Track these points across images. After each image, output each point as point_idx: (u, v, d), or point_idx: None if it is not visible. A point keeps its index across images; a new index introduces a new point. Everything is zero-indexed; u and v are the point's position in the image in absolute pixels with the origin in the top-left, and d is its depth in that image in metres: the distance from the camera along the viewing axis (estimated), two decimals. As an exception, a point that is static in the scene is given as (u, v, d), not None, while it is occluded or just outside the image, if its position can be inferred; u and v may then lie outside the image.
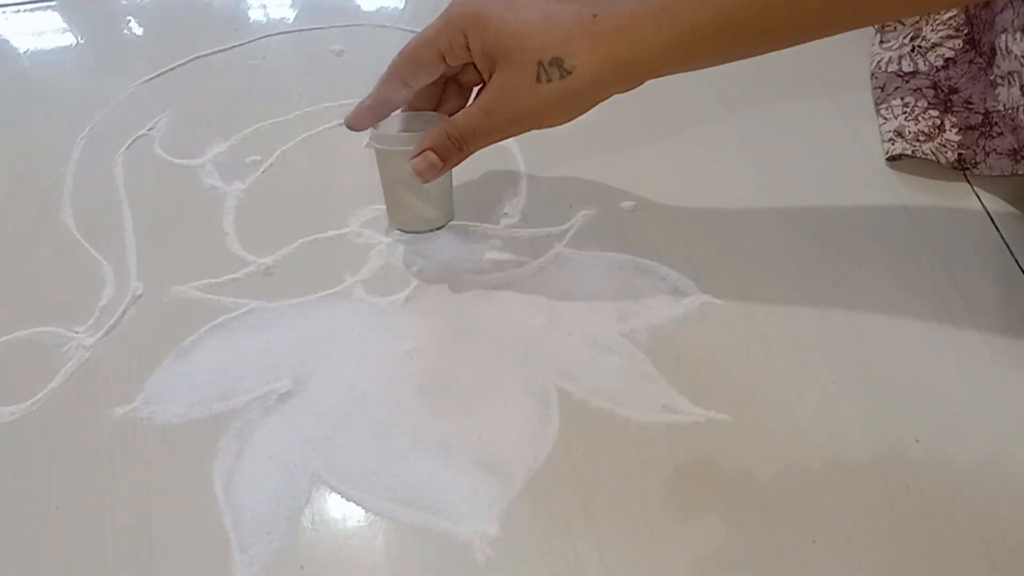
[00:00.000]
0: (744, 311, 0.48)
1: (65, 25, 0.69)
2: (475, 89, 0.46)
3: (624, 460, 0.42)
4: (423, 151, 0.44)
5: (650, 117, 0.60)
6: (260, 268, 0.51)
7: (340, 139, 0.59)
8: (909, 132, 0.56)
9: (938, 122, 0.56)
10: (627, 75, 0.40)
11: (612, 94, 0.42)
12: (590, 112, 0.43)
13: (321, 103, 0.61)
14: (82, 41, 0.67)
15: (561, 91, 0.40)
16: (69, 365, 0.46)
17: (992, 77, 0.55)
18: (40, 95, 0.63)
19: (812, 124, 0.60)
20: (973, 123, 0.56)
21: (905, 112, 0.57)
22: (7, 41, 0.68)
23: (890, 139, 0.56)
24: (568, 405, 0.44)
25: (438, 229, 0.52)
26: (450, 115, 0.47)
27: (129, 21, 0.69)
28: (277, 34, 0.67)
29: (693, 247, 0.52)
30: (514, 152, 0.58)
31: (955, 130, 0.56)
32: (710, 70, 0.63)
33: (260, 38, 0.67)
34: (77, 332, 0.48)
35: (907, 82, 0.59)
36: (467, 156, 0.45)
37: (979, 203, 0.54)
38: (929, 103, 0.57)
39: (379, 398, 0.45)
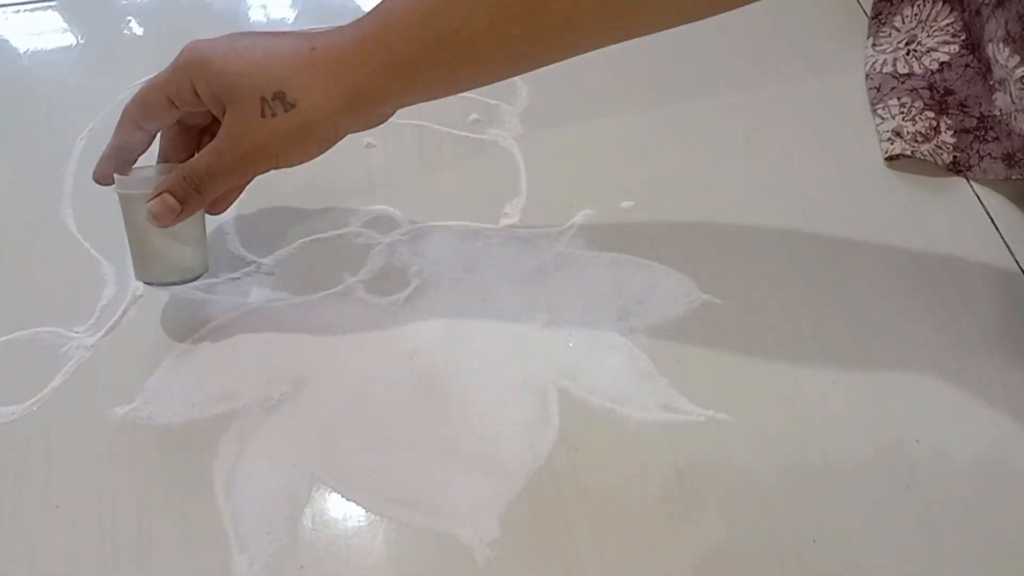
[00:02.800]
0: (744, 311, 0.48)
1: (65, 25, 0.69)
2: None
3: (624, 460, 0.42)
4: (160, 194, 0.43)
5: (650, 117, 0.60)
6: (260, 268, 0.51)
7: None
8: (907, 132, 0.56)
9: (934, 123, 0.56)
10: (354, 105, 0.40)
11: (346, 129, 0.42)
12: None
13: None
14: (82, 41, 0.67)
15: (289, 125, 0.40)
16: (69, 365, 0.46)
17: (991, 83, 0.55)
18: (40, 95, 0.63)
19: (812, 123, 0.60)
20: (968, 126, 0.56)
21: (902, 112, 0.57)
22: (7, 41, 0.68)
23: (888, 139, 0.56)
24: (568, 405, 0.44)
25: (191, 281, 0.47)
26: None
27: (129, 21, 0.69)
28: (277, 34, 0.67)
29: (693, 247, 0.52)
30: (514, 152, 0.58)
31: (950, 132, 0.56)
32: (711, 70, 0.63)
33: (260, 38, 0.67)
34: (77, 332, 0.48)
35: (903, 83, 0.59)
36: (208, 199, 0.43)
37: (979, 203, 0.54)
38: (925, 104, 0.57)
39: (379, 398, 0.45)
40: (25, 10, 0.70)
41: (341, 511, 0.41)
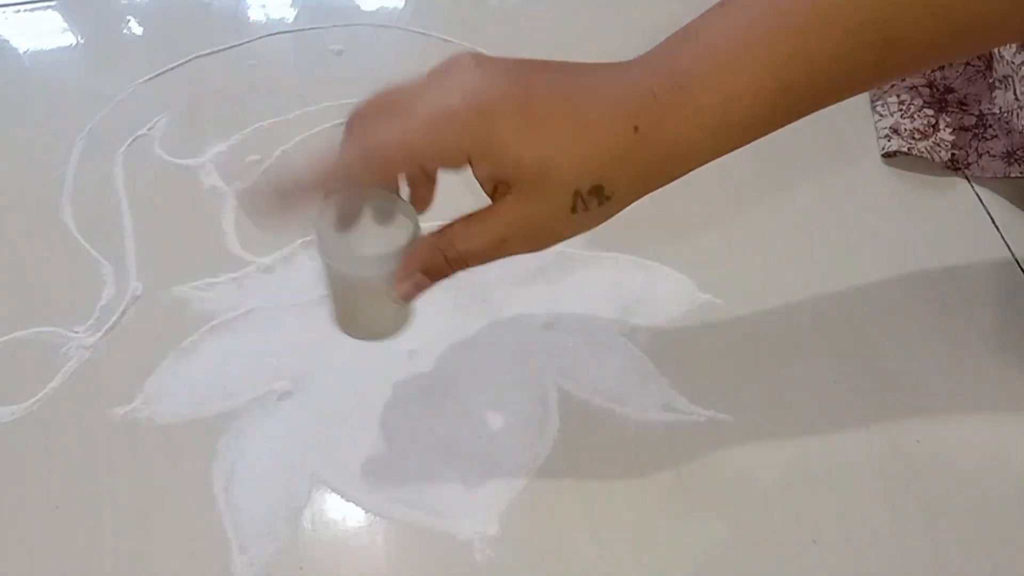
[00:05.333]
0: (744, 311, 0.48)
1: (65, 25, 0.69)
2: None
3: (624, 460, 0.42)
4: (410, 272, 0.35)
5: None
6: (260, 268, 0.51)
7: (339, 139, 0.59)
8: (905, 129, 0.56)
9: (933, 121, 0.56)
10: (661, 185, 0.36)
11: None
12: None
13: (321, 103, 0.61)
14: (82, 41, 0.67)
15: (597, 217, 0.35)
16: (69, 365, 0.46)
17: (991, 81, 0.55)
18: (40, 95, 0.63)
19: (811, 122, 0.59)
20: (967, 124, 0.56)
21: (901, 109, 0.57)
22: (7, 41, 0.67)
23: (886, 136, 0.56)
24: (568, 405, 0.44)
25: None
26: (417, 204, 0.37)
27: (129, 21, 0.69)
28: (277, 34, 0.67)
29: (693, 247, 0.52)
30: (514, 152, 0.58)
31: (949, 130, 0.56)
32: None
33: (260, 38, 0.67)
34: (77, 332, 0.48)
35: (902, 80, 0.59)
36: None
37: (979, 202, 0.54)
38: (924, 101, 0.57)
39: (379, 398, 0.45)
40: (25, 10, 0.70)
41: (341, 511, 0.41)
